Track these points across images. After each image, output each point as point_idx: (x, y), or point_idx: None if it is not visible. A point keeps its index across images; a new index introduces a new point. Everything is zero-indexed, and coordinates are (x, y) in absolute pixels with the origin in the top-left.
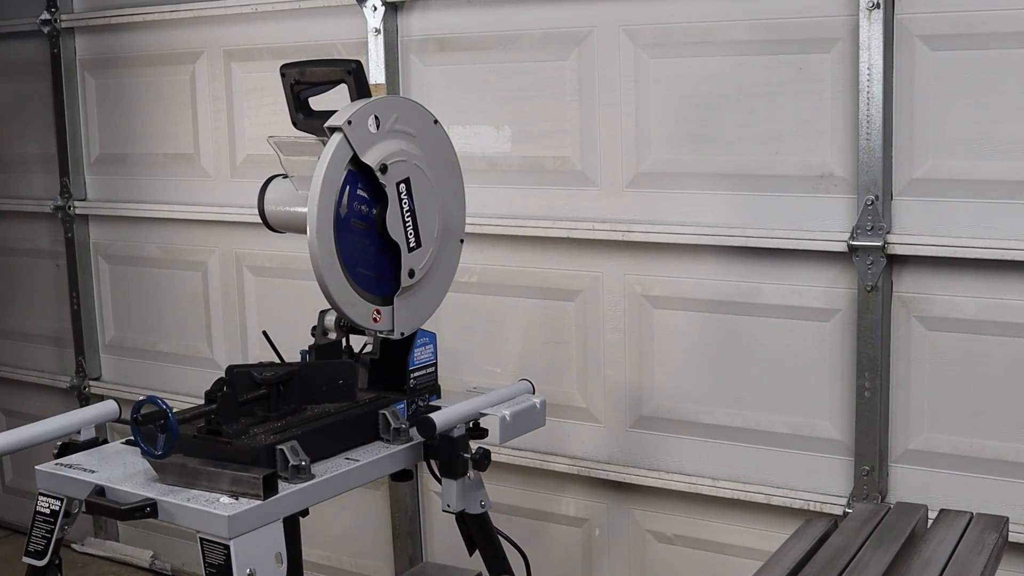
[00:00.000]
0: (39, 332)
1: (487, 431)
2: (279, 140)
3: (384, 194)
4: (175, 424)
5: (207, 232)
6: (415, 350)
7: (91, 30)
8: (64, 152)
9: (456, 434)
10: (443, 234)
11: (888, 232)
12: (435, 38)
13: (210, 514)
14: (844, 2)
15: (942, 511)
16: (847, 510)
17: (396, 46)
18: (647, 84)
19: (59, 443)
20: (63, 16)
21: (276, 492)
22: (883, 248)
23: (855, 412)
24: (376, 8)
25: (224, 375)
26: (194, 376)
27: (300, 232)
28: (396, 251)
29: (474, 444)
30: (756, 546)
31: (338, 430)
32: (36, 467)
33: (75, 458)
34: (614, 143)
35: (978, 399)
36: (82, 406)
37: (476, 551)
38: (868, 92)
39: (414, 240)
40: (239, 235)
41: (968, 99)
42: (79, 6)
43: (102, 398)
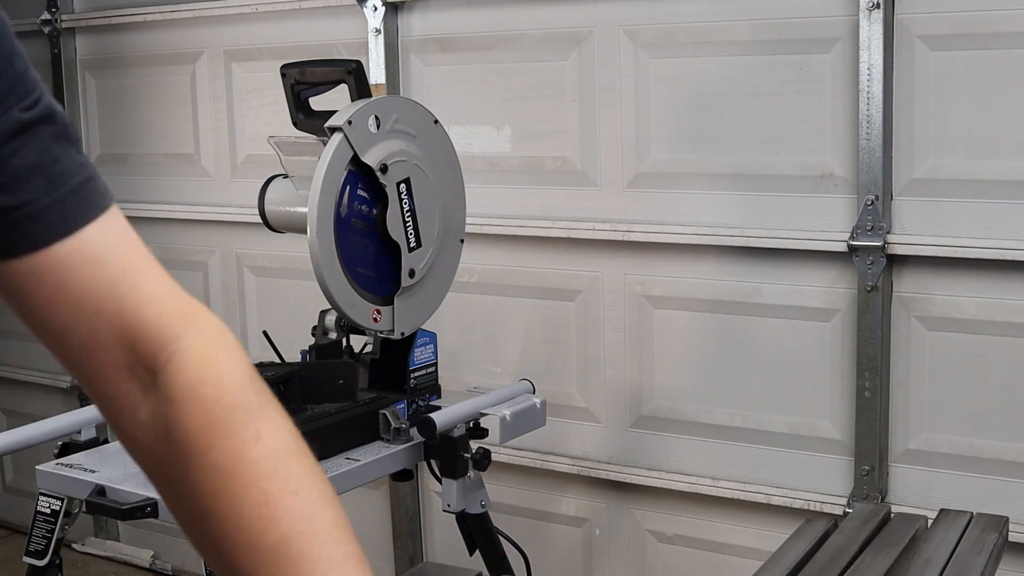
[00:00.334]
0: None
1: (487, 431)
2: (279, 140)
3: (384, 194)
4: None
5: (207, 232)
6: (415, 350)
7: (91, 30)
8: None
9: (456, 434)
10: (443, 234)
11: (888, 232)
12: (435, 38)
13: None
14: (844, 2)
15: (942, 511)
16: (847, 510)
17: (396, 46)
18: (647, 84)
19: (59, 443)
20: (63, 16)
21: None
22: (883, 248)
23: (855, 412)
24: (376, 8)
25: None
26: None
27: (300, 232)
28: (396, 251)
29: (474, 444)
30: (756, 546)
31: (338, 430)
32: (36, 467)
33: (76, 458)
34: (614, 143)
35: (978, 399)
36: (83, 406)
37: (476, 551)
38: (868, 92)
39: (414, 240)
40: (239, 235)
41: (968, 99)
42: (79, 6)
43: None
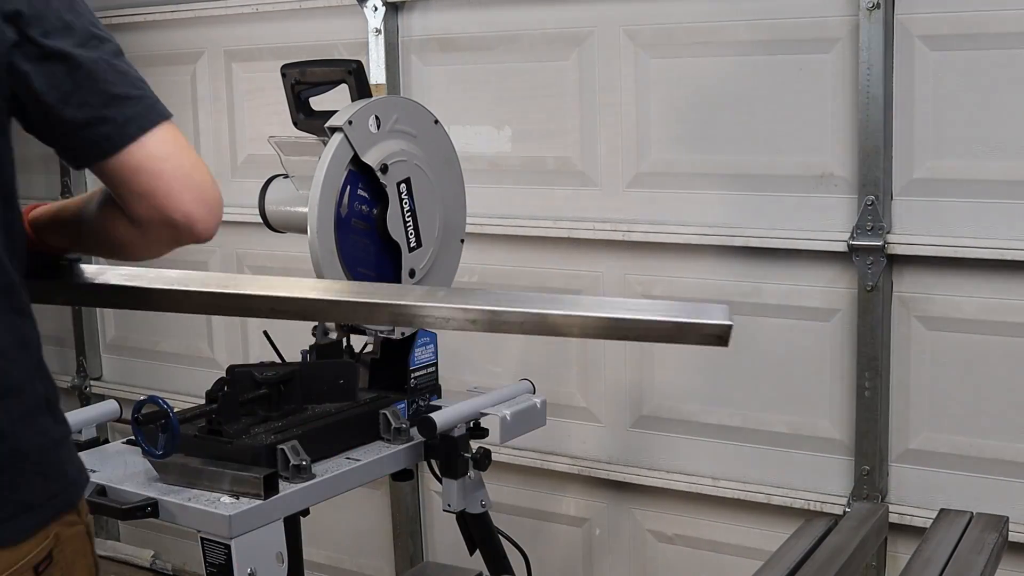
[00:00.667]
0: (40, 332)
1: (487, 431)
2: (280, 140)
3: (385, 194)
4: (176, 424)
5: None
6: (416, 350)
7: None
8: None
9: (457, 434)
10: (444, 234)
11: (888, 232)
12: (436, 38)
13: (211, 514)
14: (844, 2)
15: (942, 511)
16: (847, 509)
17: (397, 46)
18: (647, 84)
19: None
20: None
21: (277, 492)
22: (883, 248)
23: (855, 412)
24: (377, 8)
25: (225, 375)
26: (195, 376)
27: (301, 232)
28: (397, 251)
29: (474, 444)
30: (756, 546)
31: (339, 430)
32: None
33: None
34: (615, 143)
35: (978, 399)
36: (83, 406)
37: (477, 551)
38: (868, 92)
39: (415, 240)
40: (240, 235)
41: (968, 99)
42: None
43: (103, 398)
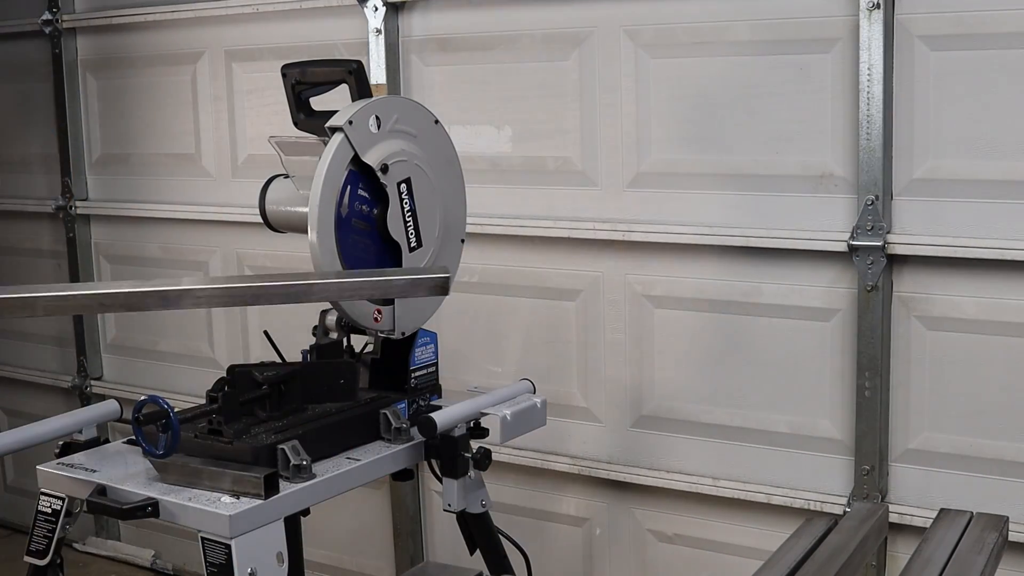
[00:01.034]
0: (41, 332)
1: (488, 430)
2: (280, 140)
3: (385, 194)
4: (176, 424)
5: (208, 232)
6: (416, 350)
7: (93, 30)
8: (66, 152)
9: (457, 433)
10: (444, 234)
11: (888, 232)
12: (436, 38)
13: (211, 513)
14: (844, 2)
15: (942, 510)
16: (847, 509)
17: (397, 46)
18: (648, 84)
19: (60, 443)
20: (65, 16)
21: (277, 491)
22: (883, 248)
23: (855, 412)
24: (377, 8)
25: (225, 375)
26: (195, 376)
27: (301, 232)
28: (397, 251)
29: (475, 443)
30: (756, 545)
31: (339, 429)
32: (38, 467)
33: (76, 457)
34: (615, 143)
35: (978, 399)
36: (83, 406)
37: (477, 550)
38: (868, 92)
39: (415, 240)
40: (240, 235)
41: (968, 99)
42: (80, 6)
43: (103, 398)
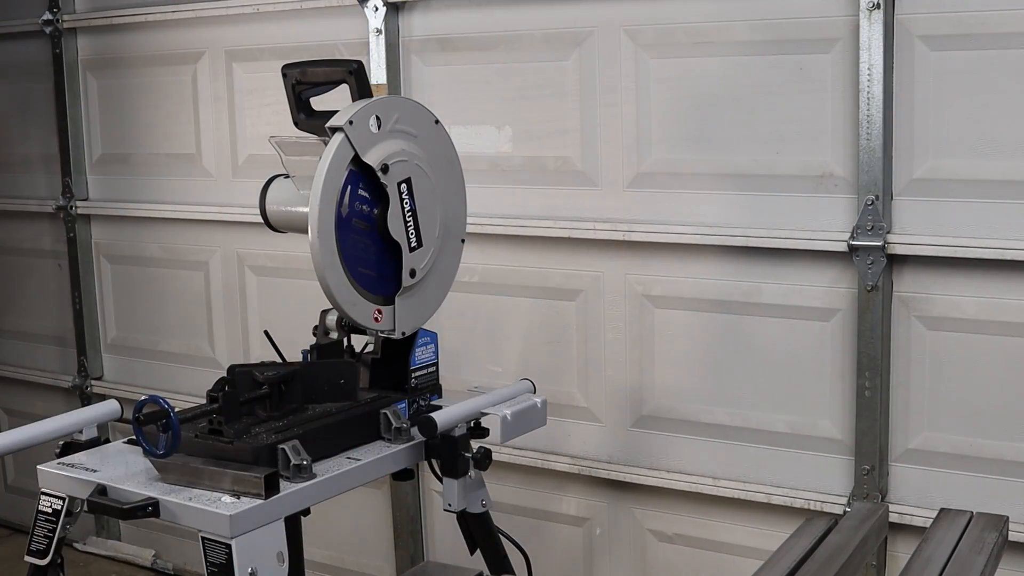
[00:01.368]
0: (41, 332)
1: (488, 430)
2: (280, 140)
3: (385, 194)
4: (177, 423)
5: (209, 232)
6: (416, 349)
7: (93, 30)
8: (66, 152)
9: (457, 433)
10: (444, 234)
11: (888, 232)
12: (436, 38)
13: (212, 513)
14: (844, 2)
15: (942, 510)
16: (847, 509)
17: (397, 46)
18: (648, 84)
19: (61, 442)
20: (65, 16)
21: (278, 491)
22: (883, 248)
23: (855, 411)
24: (377, 8)
25: (226, 374)
26: (196, 376)
27: (301, 232)
28: (397, 251)
29: (475, 443)
30: (757, 545)
31: (339, 429)
32: (38, 466)
33: (77, 457)
34: (615, 143)
35: (978, 399)
36: (84, 405)
37: (477, 550)
38: (868, 92)
39: (415, 240)
40: (241, 235)
41: (968, 99)
42: (81, 6)
43: (104, 397)
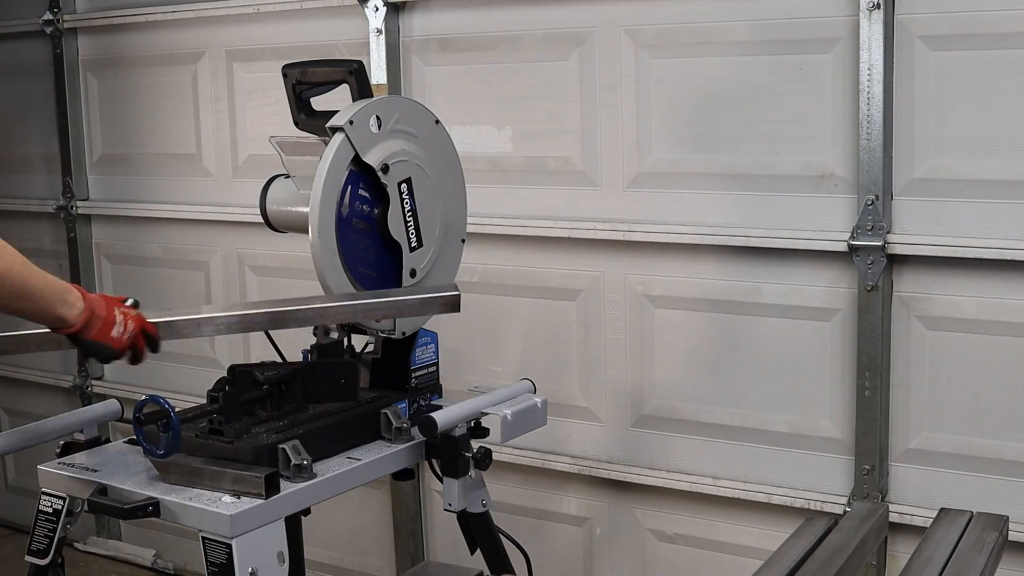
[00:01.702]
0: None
1: (488, 430)
2: (281, 140)
3: (386, 194)
4: (177, 423)
5: (209, 232)
6: (417, 349)
7: (93, 30)
8: (66, 152)
9: (457, 433)
10: (444, 234)
11: (888, 232)
12: (437, 38)
13: (212, 513)
14: (844, 2)
15: (942, 510)
16: (847, 509)
17: (398, 46)
18: (648, 84)
19: (61, 442)
20: (65, 16)
21: (278, 491)
22: (883, 248)
23: (855, 411)
24: (378, 9)
25: (226, 374)
26: (196, 375)
27: (302, 232)
28: (398, 251)
29: (475, 443)
30: (757, 545)
31: (340, 429)
32: (39, 466)
33: (77, 457)
34: (615, 143)
35: (978, 399)
36: (84, 405)
37: (477, 550)
38: (868, 92)
39: (416, 240)
40: (241, 235)
41: (968, 99)
42: (81, 6)
43: (104, 397)
